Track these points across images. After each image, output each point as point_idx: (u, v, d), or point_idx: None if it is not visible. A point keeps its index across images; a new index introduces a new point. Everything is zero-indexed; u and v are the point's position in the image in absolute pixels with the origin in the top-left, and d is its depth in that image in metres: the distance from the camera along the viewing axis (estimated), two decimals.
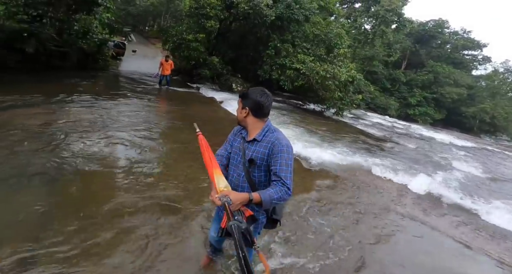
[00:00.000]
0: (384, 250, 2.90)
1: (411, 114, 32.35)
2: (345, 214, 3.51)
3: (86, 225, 2.20)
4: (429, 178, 6.33)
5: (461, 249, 3.37)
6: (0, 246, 1.84)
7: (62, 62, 9.84)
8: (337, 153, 6.87)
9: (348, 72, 11.02)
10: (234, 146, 1.51)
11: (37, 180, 2.72)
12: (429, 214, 4.38)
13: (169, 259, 2.04)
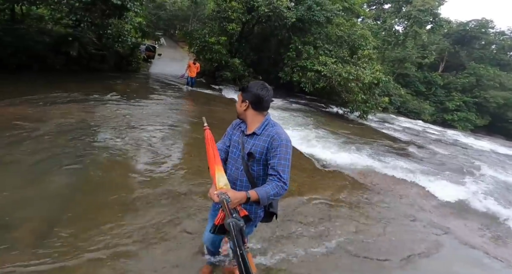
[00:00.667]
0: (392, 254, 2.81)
1: (448, 119, 30.19)
2: (354, 218, 3.41)
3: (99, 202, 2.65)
4: (453, 184, 6.10)
5: (479, 255, 3.28)
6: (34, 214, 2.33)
7: (100, 64, 10.98)
8: (357, 155, 6.88)
9: (372, 74, 10.81)
10: (233, 139, 1.52)
11: (68, 165, 3.26)
12: (450, 220, 4.24)
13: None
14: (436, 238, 3.40)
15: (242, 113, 1.47)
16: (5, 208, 2.26)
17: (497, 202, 5.37)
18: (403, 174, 5.99)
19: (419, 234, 3.43)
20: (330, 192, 4.11)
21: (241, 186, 1.47)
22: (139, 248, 2.11)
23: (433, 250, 3.09)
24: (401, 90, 22.10)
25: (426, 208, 4.58)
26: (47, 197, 2.54)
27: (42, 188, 2.67)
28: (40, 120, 4.41)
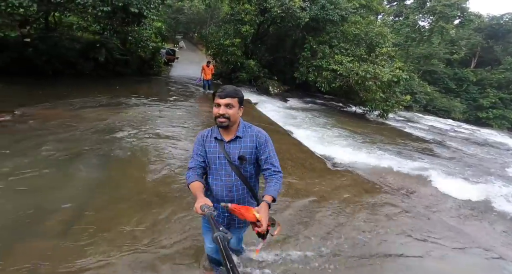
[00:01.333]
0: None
1: (483, 117, 28.33)
2: (360, 218, 3.33)
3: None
4: (474, 184, 5.86)
5: (487, 254, 3.18)
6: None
7: (124, 69, 11.77)
8: (372, 155, 6.80)
9: (392, 72, 10.56)
10: (211, 151, 1.50)
11: (95, 157, 3.68)
12: (466, 222, 4.12)
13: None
14: (450, 240, 3.28)
15: (237, 120, 1.47)
16: (43, 193, 2.66)
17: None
18: (420, 174, 5.84)
19: (431, 236, 3.33)
20: (339, 192, 4.08)
21: (237, 191, 1.51)
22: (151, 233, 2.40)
23: (443, 251, 2.98)
24: (427, 88, 21.15)
25: (442, 209, 4.47)
26: (78, 185, 2.93)
27: (75, 178, 3.08)
28: (75, 121, 4.96)
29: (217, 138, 1.49)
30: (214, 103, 1.43)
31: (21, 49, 8.26)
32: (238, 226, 1.62)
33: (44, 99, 6.24)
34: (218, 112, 1.41)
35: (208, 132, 1.55)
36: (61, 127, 4.53)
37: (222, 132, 1.50)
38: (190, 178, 1.44)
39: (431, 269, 2.62)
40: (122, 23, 6.60)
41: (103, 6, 5.58)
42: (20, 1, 4.88)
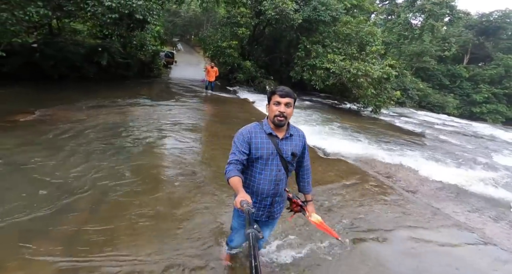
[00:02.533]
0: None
1: (477, 112, 29.14)
2: (350, 199, 3.81)
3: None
4: (454, 169, 6.43)
5: (456, 226, 3.67)
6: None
7: (126, 71, 12.28)
8: (361, 145, 7.37)
9: (382, 69, 11.17)
10: (264, 147, 1.52)
11: (109, 152, 4.22)
12: (442, 202, 4.59)
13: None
14: (426, 216, 3.69)
15: (290, 117, 1.55)
16: (69, 180, 3.18)
17: (498, 188, 5.57)
18: (403, 161, 6.40)
19: (409, 212, 3.80)
20: (328, 177, 4.66)
21: (282, 184, 1.62)
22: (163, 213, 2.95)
23: (420, 223, 3.48)
24: (420, 84, 21.85)
25: (420, 190, 5.02)
26: (97, 173, 3.46)
27: (93, 167, 3.60)
28: (86, 121, 5.48)
29: (272, 134, 1.54)
30: (274, 101, 1.49)
31: (29, 54, 8.75)
32: (276, 217, 1.77)
33: (57, 101, 6.75)
34: (279, 110, 1.47)
35: (255, 129, 1.57)
36: (75, 126, 5.06)
37: (275, 130, 1.55)
38: (230, 172, 1.43)
39: (404, 236, 3.11)
40: (127, 28, 7.13)
41: (111, 14, 6.13)
42: (37, 10, 5.41)
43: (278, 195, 1.63)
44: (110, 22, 6.30)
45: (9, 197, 2.66)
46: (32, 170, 3.22)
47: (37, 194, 2.77)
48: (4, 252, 2.01)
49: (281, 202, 1.71)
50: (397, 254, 2.70)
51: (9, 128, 4.55)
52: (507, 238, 3.61)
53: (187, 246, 2.32)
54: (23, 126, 4.75)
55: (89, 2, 6.13)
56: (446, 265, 2.64)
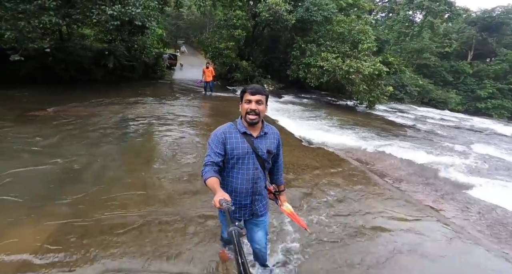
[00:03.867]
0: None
1: (482, 108, 28.99)
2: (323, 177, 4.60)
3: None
4: (431, 156, 6.86)
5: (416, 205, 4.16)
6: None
7: (131, 73, 13.13)
8: (347, 136, 7.89)
9: (373, 66, 11.62)
10: (239, 146, 1.53)
11: (118, 136, 4.91)
12: (409, 184, 4.98)
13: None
14: (389, 194, 4.20)
15: (263, 115, 1.55)
16: (81, 160, 3.88)
17: (464, 172, 5.91)
18: (384, 149, 6.90)
19: (371, 191, 4.34)
20: (303, 160, 5.24)
21: (260, 182, 1.64)
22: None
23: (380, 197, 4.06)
24: (419, 80, 22.03)
25: (392, 175, 5.51)
26: (103, 155, 4.15)
27: (102, 150, 4.30)
28: (97, 116, 6.25)
29: (246, 133, 1.55)
30: (245, 100, 1.50)
31: (42, 59, 9.62)
32: (261, 215, 1.73)
33: (69, 101, 7.55)
34: (250, 108, 1.48)
35: (229, 129, 1.57)
36: (88, 119, 5.82)
37: (249, 128, 1.56)
38: (207, 173, 1.43)
39: (371, 206, 3.69)
40: (129, 33, 7.89)
41: (113, 21, 6.88)
42: (50, 19, 6.19)
43: (258, 193, 1.65)
44: (113, 28, 7.07)
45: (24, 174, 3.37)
46: (46, 152, 3.93)
47: (55, 167, 3.47)
48: (32, 204, 2.70)
49: (262, 200, 1.72)
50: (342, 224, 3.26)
51: (29, 121, 5.33)
52: (456, 215, 4.11)
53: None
54: (40, 119, 5.52)
55: (94, 11, 6.90)
56: (385, 230, 3.19)
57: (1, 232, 2.26)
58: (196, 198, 3.10)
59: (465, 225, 3.64)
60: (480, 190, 4.88)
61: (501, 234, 3.51)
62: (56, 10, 6.46)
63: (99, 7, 6.84)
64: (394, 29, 25.42)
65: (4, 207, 2.61)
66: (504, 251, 3.03)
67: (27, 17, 6.16)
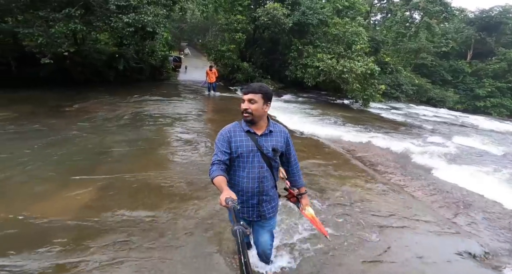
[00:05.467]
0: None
1: (481, 107, 29.65)
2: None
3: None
4: (410, 146, 7.69)
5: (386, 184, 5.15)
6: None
7: (139, 75, 14.17)
8: (336, 129, 8.80)
9: (366, 66, 12.51)
10: (243, 145, 1.56)
11: (132, 128, 5.91)
12: (383, 167, 5.90)
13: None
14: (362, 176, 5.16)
15: (263, 114, 1.57)
16: (104, 144, 4.85)
17: (435, 158, 6.68)
18: (368, 140, 7.78)
19: (349, 174, 5.34)
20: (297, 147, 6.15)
21: (267, 180, 1.64)
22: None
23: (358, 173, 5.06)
24: (416, 79, 22.83)
25: (371, 160, 6.39)
26: (122, 142, 5.14)
27: (119, 138, 5.29)
28: (114, 111, 7.28)
29: (250, 131, 1.58)
30: (242, 99, 1.55)
31: (61, 62, 10.67)
32: (268, 217, 1.75)
33: (87, 99, 8.59)
34: (243, 107, 1.52)
35: (234, 127, 1.61)
36: (106, 113, 6.84)
37: (252, 127, 1.58)
38: (214, 172, 1.46)
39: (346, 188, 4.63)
40: (141, 39, 8.93)
41: (128, 28, 7.90)
42: (76, 26, 7.25)
43: (265, 193, 1.66)
44: (128, 34, 8.09)
45: (64, 150, 4.36)
46: (77, 138, 4.93)
47: (85, 151, 4.46)
48: (68, 177, 3.68)
49: (271, 201, 1.73)
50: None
51: (60, 115, 6.36)
52: (414, 189, 4.99)
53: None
54: (68, 114, 6.55)
55: (112, 19, 7.93)
56: (355, 201, 4.11)
57: (58, 191, 3.22)
58: (193, 164, 4.09)
59: (419, 194, 4.53)
60: (443, 172, 5.75)
61: (443, 200, 4.41)
62: (80, 18, 7.51)
63: (116, 15, 7.87)
64: (392, 30, 26.27)
65: (58, 174, 3.58)
66: (437, 211, 3.94)
67: (55, 25, 7.22)
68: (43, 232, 2.39)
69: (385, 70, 19.34)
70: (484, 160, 7.23)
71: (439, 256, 2.71)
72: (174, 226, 2.64)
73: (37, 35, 7.04)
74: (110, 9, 7.78)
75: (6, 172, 3.44)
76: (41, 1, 7.61)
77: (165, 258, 2.20)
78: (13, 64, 9.98)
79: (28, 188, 3.14)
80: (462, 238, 3.15)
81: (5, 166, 3.60)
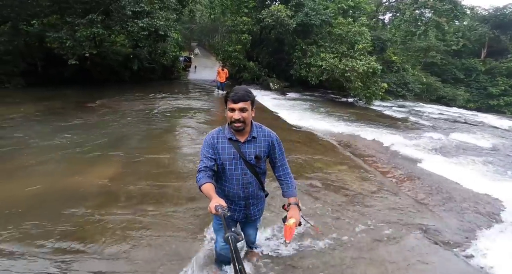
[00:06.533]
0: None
1: (494, 105, 29.36)
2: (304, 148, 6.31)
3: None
4: (404, 140, 8.24)
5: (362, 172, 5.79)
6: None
7: (151, 74, 15.21)
8: (334, 124, 9.43)
9: (367, 64, 13.02)
10: (225, 152, 1.56)
11: (143, 120, 6.81)
12: (369, 157, 6.60)
13: None
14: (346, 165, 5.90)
15: (250, 120, 1.55)
16: (125, 132, 5.73)
17: (423, 151, 7.15)
18: (362, 134, 8.36)
19: (335, 160, 6.04)
20: (289, 136, 6.90)
21: (252, 187, 1.66)
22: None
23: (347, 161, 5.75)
24: (423, 78, 22.96)
25: (361, 151, 7.01)
26: (136, 134, 6.00)
27: (137, 127, 6.16)
28: (132, 106, 8.28)
29: (232, 139, 1.56)
30: (228, 108, 1.48)
31: (82, 63, 11.75)
32: (253, 219, 1.81)
33: (106, 96, 9.59)
34: (234, 117, 1.46)
35: (217, 134, 1.60)
36: (126, 107, 7.79)
37: (235, 134, 1.56)
38: (201, 180, 1.46)
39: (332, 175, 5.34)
40: (154, 41, 9.88)
41: (143, 31, 8.86)
42: (98, 30, 8.26)
43: (251, 197, 1.68)
44: (142, 37, 9.04)
45: (92, 137, 5.26)
46: (102, 128, 5.83)
47: (109, 137, 5.34)
48: (98, 156, 4.55)
49: (258, 204, 1.76)
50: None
51: (86, 110, 7.34)
52: (393, 175, 5.61)
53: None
54: (92, 109, 7.52)
55: (129, 23, 8.90)
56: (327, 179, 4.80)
57: (88, 168, 4.09)
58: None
59: (396, 178, 5.15)
60: (426, 162, 6.28)
61: (417, 184, 5.02)
62: (101, 23, 8.51)
63: (132, 20, 8.83)
64: (401, 29, 26.40)
65: (89, 154, 4.46)
66: (406, 192, 4.60)
67: (81, 29, 8.24)
68: (78, 194, 3.23)
69: (392, 69, 19.67)
70: (471, 152, 7.69)
71: (393, 229, 3.24)
72: (178, 194, 3.42)
73: (65, 38, 8.07)
74: (127, 15, 8.74)
75: (51, 153, 4.34)
76: (67, 7, 8.70)
77: (171, 216, 2.96)
78: (39, 64, 11.17)
79: (68, 164, 4.03)
80: (423, 216, 3.67)
81: (50, 148, 4.53)
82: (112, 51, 13.71)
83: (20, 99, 7.95)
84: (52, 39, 8.39)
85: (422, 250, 2.83)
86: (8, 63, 9.46)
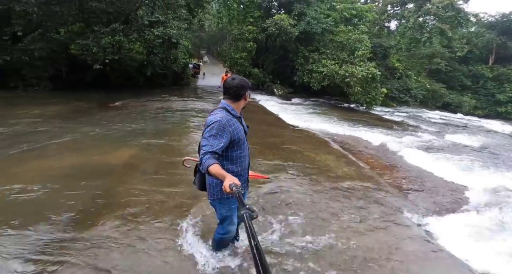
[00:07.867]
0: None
1: (502, 112, 29.50)
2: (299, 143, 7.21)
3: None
4: (396, 139, 8.98)
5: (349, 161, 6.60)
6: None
7: (163, 80, 16.42)
8: (331, 125, 10.27)
9: (366, 70, 13.85)
10: (240, 129, 1.79)
11: (157, 118, 7.85)
12: (359, 153, 7.43)
13: None
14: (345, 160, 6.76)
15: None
16: (142, 127, 6.74)
17: (411, 149, 7.84)
18: (357, 134, 9.17)
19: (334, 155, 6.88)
20: (287, 133, 7.78)
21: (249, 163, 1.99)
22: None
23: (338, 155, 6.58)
24: (427, 84, 23.54)
25: (353, 148, 7.81)
26: (149, 130, 7.01)
27: (153, 123, 7.17)
28: (146, 106, 9.36)
29: (237, 117, 1.84)
30: (247, 95, 1.89)
31: (103, 68, 13.00)
32: (244, 192, 2.01)
33: (124, 99, 10.72)
34: (248, 100, 1.93)
35: (227, 116, 1.75)
36: (142, 108, 8.87)
37: (236, 113, 1.84)
38: (208, 160, 1.52)
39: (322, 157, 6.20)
40: (167, 48, 11.06)
41: (158, 39, 10.03)
42: (120, 38, 9.45)
43: (249, 167, 1.99)
44: (157, 44, 10.20)
45: (115, 129, 6.29)
46: (123, 125, 6.87)
47: (129, 129, 6.36)
48: (119, 143, 5.55)
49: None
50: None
51: (108, 109, 8.46)
52: (376, 165, 6.39)
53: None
54: (114, 108, 8.62)
55: (146, 32, 10.10)
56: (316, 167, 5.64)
57: (113, 150, 5.07)
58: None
59: (378, 168, 5.94)
60: (410, 156, 7.03)
61: (398, 174, 5.79)
62: (122, 31, 9.72)
63: (149, 29, 10.03)
64: (406, 36, 27.17)
65: (114, 142, 5.45)
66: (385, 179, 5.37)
67: (105, 37, 9.46)
68: (105, 169, 4.19)
69: (394, 75, 20.39)
70: (457, 151, 8.37)
71: (364, 201, 4.11)
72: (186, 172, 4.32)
73: (91, 45, 9.29)
74: (144, 24, 9.93)
75: (85, 141, 5.36)
76: (94, 17, 9.93)
77: (175, 190, 3.86)
78: (64, 70, 12.49)
79: (96, 148, 5.02)
80: (397, 199, 4.37)
81: (83, 138, 5.54)
82: (129, 57, 15.00)
83: (51, 100, 9.14)
84: (80, 46, 9.63)
85: (384, 218, 3.43)
86: (39, 68, 10.74)
